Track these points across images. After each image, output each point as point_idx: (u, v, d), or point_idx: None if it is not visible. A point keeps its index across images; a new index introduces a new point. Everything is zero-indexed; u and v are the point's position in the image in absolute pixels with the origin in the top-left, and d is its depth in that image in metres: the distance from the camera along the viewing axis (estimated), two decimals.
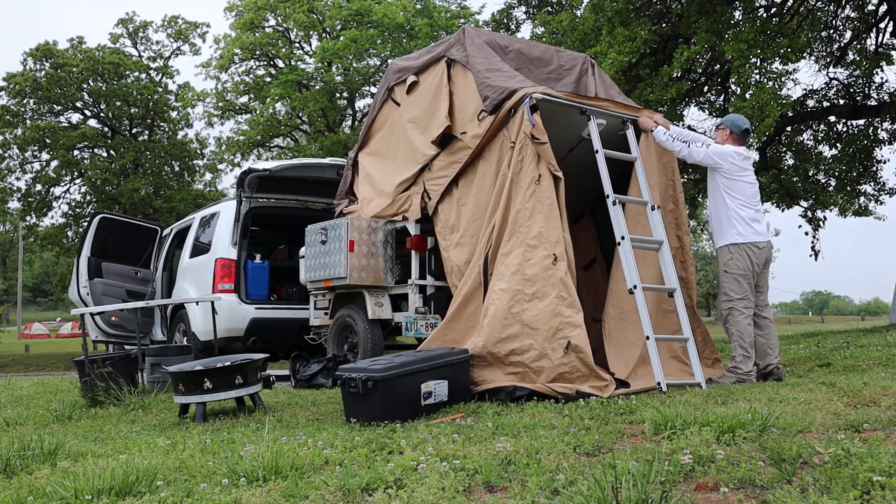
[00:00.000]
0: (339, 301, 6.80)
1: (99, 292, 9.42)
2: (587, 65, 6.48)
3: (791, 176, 16.76)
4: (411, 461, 2.92)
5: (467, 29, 6.10)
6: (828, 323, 42.14)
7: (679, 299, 5.39)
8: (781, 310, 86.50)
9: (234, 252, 8.05)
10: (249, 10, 25.82)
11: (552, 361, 4.75)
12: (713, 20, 11.50)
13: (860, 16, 14.95)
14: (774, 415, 3.26)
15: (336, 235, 6.43)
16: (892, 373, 5.23)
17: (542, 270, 4.92)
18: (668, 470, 2.57)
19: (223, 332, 7.72)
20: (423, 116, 6.18)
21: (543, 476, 2.63)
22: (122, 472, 2.88)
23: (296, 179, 8.53)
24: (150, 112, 27.31)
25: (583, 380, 4.72)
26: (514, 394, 4.73)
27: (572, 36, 12.82)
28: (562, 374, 4.75)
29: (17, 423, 5.26)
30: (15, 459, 3.52)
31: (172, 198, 25.87)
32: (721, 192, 5.47)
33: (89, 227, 9.82)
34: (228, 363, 5.03)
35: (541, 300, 4.88)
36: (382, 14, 23.80)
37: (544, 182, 5.05)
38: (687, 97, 14.38)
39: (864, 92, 15.22)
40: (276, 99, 26.02)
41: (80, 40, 26.73)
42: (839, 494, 2.23)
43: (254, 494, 2.65)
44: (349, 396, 4.39)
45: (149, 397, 5.85)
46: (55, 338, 43.42)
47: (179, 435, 4.18)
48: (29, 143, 25.24)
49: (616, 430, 3.40)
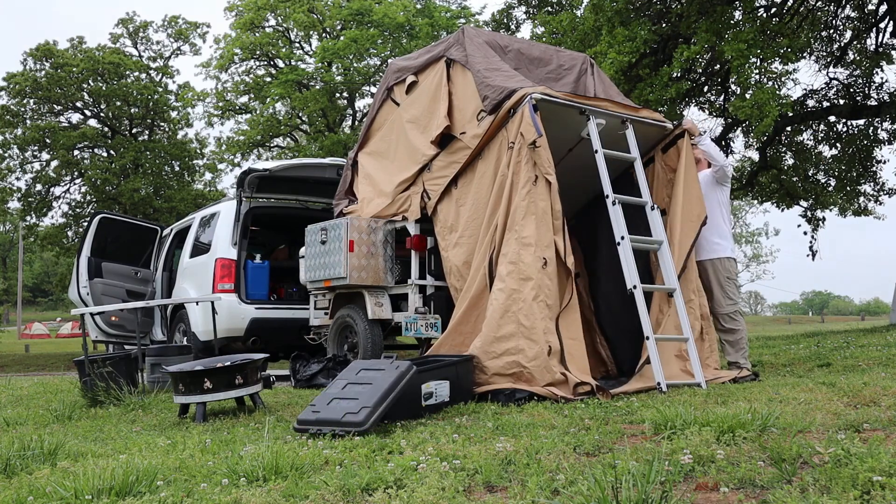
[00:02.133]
0: (339, 301, 6.80)
1: (99, 292, 9.42)
2: (586, 65, 6.48)
3: (791, 176, 16.76)
4: (411, 461, 2.92)
5: (467, 29, 6.10)
6: (828, 323, 42.14)
7: (679, 299, 5.40)
8: (781, 310, 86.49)
9: (234, 252, 8.05)
10: (249, 10, 25.81)
11: (545, 362, 4.77)
12: (713, 20, 11.50)
13: (860, 16, 14.95)
14: (774, 415, 3.26)
15: (336, 235, 6.43)
16: (892, 373, 5.24)
17: (536, 271, 4.94)
18: (668, 470, 2.57)
19: (223, 332, 7.72)
20: (423, 116, 6.18)
21: (543, 476, 2.63)
22: (122, 472, 2.88)
23: (296, 179, 8.53)
24: (150, 112, 27.30)
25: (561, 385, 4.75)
26: (514, 396, 4.73)
27: (572, 36, 12.83)
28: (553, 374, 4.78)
29: (17, 423, 5.25)
30: (15, 459, 3.52)
31: (172, 198, 25.86)
32: (722, 207, 6.03)
33: (89, 227, 9.81)
34: (228, 363, 5.03)
35: (534, 300, 4.89)
36: (383, 14, 23.79)
37: (540, 184, 5.06)
38: (687, 97, 14.38)
39: (864, 92, 15.22)
40: (276, 99, 26.01)
41: (80, 40, 26.74)
42: (839, 494, 2.23)
43: (254, 494, 2.64)
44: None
45: (149, 397, 5.85)
46: (55, 338, 43.40)
47: (179, 435, 4.17)
48: (29, 143, 25.24)
49: (616, 430, 3.40)
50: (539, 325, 4.84)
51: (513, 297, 4.96)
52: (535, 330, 4.83)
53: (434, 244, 6.14)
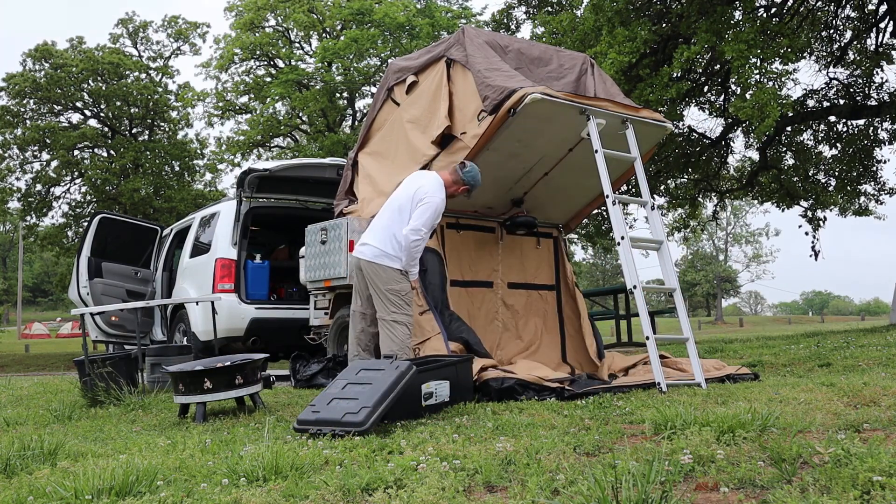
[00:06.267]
0: (340, 301, 6.79)
1: (99, 292, 9.42)
2: (587, 65, 6.48)
3: (791, 176, 16.76)
4: (411, 461, 2.92)
5: (467, 29, 6.10)
6: (828, 323, 42.15)
7: (679, 299, 5.40)
8: (781, 310, 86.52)
9: (234, 252, 8.05)
10: (249, 10, 25.80)
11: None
12: (713, 20, 11.50)
13: (860, 16, 14.95)
14: (774, 415, 3.26)
15: (336, 235, 6.43)
16: (892, 373, 5.24)
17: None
18: (668, 470, 2.57)
19: (223, 332, 7.72)
20: (423, 116, 6.18)
21: (543, 476, 2.62)
22: (122, 472, 2.88)
23: (296, 179, 8.53)
24: (150, 112, 27.28)
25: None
26: (503, 384, 4.86)
27: (572, 36, 12.83)
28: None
29: (17, 423, 5.25)
30: (15, 459, 3.52)
31: (172, 198, 25.83)
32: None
33: (89, 227, 9.81)
34: (228, 363, 5.03)
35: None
36: (383, 14, 23.78)
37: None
38: (687, 97, 14.39)
39: (864, 92, 15.22)
40: (276, 99, 25.99)
41: (79, 40, 26.71)
42: (839, 494, 2.23)
43: (254, 494, 2.64)
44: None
45: (149, 397, 5.85)
46: (55, 338, 43.42)
47: (179, 435, 4.17)
48: (29, 143, 25.21)
49: (616, 430, 3.40)
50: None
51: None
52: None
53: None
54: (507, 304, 6.45)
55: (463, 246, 6.31)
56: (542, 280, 6.72)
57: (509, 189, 6.33)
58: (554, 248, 6.88)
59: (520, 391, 4.84)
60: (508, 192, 6.37)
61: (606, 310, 14.45)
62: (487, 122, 5.44)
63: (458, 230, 6.31)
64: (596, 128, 5.46)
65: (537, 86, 5.47)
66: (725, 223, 61.50)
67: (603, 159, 5.38)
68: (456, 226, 6.31)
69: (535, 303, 6.60)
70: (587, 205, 6.91)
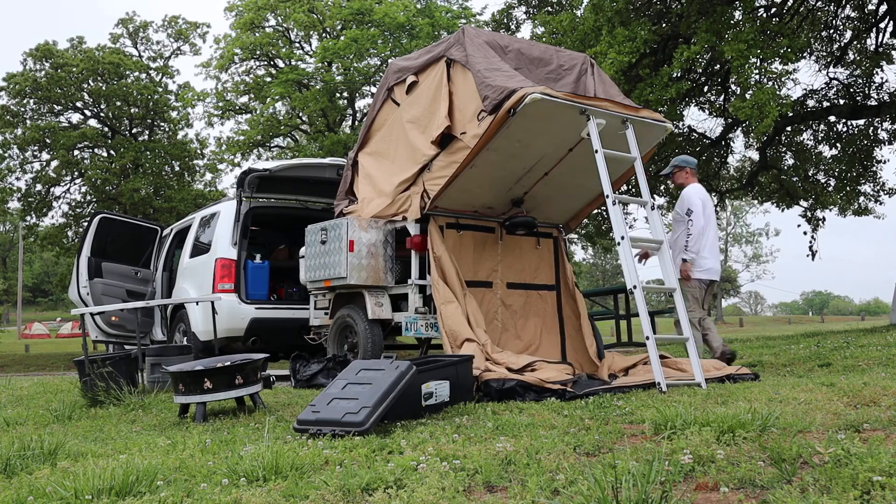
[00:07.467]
0: (339, 301, 6.80)
1: (99, 292, 9.41)
2: (587, 65, 6.48)
3: (791, 176, 16.77)
4: (411, 461, 2.92)
5: (467, 29, 6.10)
6: (828, 323, 42.12)
7: (679, 299, 5.40)
8: (781, 310, 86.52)
9: (234, 252, 8.05)
10: (249, 10, 25.80)
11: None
12: (713, 20, 11.51)
13: (860, 16, 14.96)
14: (774, 415, 3.26)
15: (336, 235, 6.43)
16: (892, 373, 5.24)
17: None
18: (668, 470, 2.57)
19: (223, 332, 7.72)
20: (423, 116, 6.18)
21: (543, 476, 2.62)
22: (122, 472, 2.88)
23: (296, 179, 8.53)
24: (150, 112, 27.28)
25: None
26: (504, 385, 4.83)
27: (572, 36, 12.83)
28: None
29: (17, 423, 5.25)
30: (15, 459, 3.52)
31: (172, 198, 25.83)
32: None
33: (89, 227, 9.81)
34: (228, 363, 5.02)
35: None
36: (383, 14, 23.77)
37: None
38: (687, 97, 14.39)
39: (864, 92, 15.23)
40: (276, 99, 25.99)
41: (80, 40, 26.73)
42: (839, 494, 2.23)
43: (254, 494, 2.64)
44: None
45: (149, 397, 5.85)
46: (55, 338, 43.42)
47: (179, 435, 4.17)
48: (29, 143, 25.21)
49: (616, 430, 3.40)
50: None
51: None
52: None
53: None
54: (506, 305, 6.45)
55: (462, 246, 6.30)
56: (542, 280, 6.72)
57: (509, 189, 6.33)
58: (554, 248, 6.88)
59: (521, 392, 4.84)
60: (508, 192, 6.37)
61: (606, 310, 14.43)
62: (487, 122, 5.43)
63: (457, 230, 6.31)
64: (596, 128, 5.46)
65: (537, 86, 5.47)
66: (725, 223, 61.54)
67: (603, 159, 5.38)
68: (456, 226, 6.31)
69: (535, 303, 6.60)
70: (587, 205, 6.91)
